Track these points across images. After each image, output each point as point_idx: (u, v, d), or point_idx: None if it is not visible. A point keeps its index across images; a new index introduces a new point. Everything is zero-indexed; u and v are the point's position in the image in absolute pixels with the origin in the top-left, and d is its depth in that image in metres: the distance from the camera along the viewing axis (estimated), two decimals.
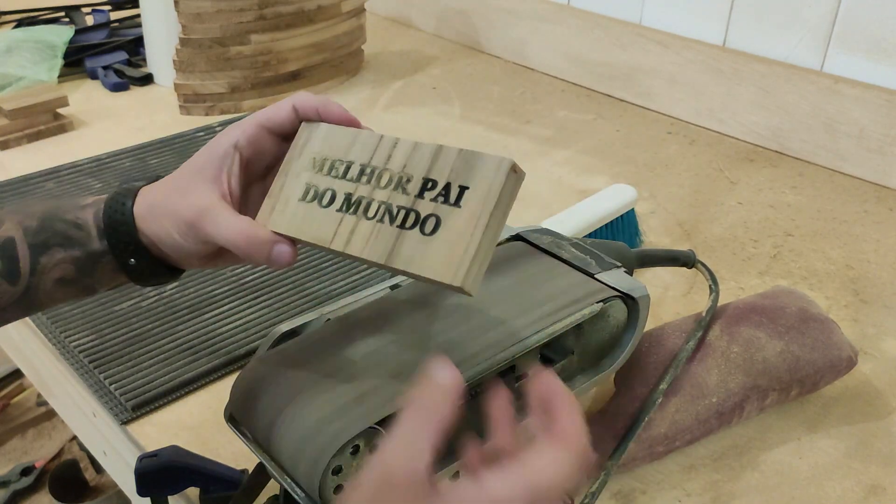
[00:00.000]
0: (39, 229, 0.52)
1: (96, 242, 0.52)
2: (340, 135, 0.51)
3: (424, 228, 0.44)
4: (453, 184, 0.44)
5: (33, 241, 0.51)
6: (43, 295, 0.52)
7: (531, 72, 1.40)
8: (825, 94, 1.05)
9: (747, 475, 0.63)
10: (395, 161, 0.48)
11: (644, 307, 0.58)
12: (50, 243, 0.51)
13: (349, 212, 0.48)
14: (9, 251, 0.51)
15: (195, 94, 1.21)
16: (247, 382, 0.52)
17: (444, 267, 0.43)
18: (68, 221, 0.52)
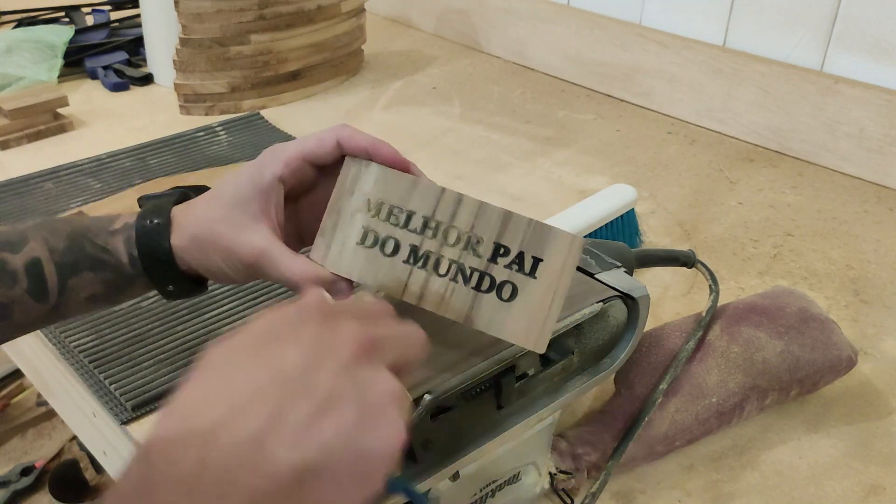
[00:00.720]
0: (67, 250, 0.52)
1: (128, 268, 0.52)
2: (397, 179, 0.51)
3: (502, 294, 0.47)
4: (526, 254, 0.47)
5: (61, 261, 0.52)
6: (72, 310, 0.53)
7: (531, 72, 1.40)
8: (825, 94, 1.05)
9: (747, 475, 0.63)
10: (461, 220, 0.49)
11: (644, 307, 0.58)
12: (80, 266, 0.52)
13: (417, 265, 0.49)
14: (36, 271, 0.51)
15: (195, 94, 1.21)
16: None
17: (524, 333, 0.47)
18: (98, 245, 0.52)
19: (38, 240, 0.52)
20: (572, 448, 0.61)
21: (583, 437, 0.62)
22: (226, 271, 0.51)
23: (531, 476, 0.59)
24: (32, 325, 0.53)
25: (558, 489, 0.60)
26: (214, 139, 1.14)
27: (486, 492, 0.56)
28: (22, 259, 0.51)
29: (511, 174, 1.07)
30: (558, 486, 0.60)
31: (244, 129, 1.18)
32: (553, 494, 0.61)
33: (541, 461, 0.59)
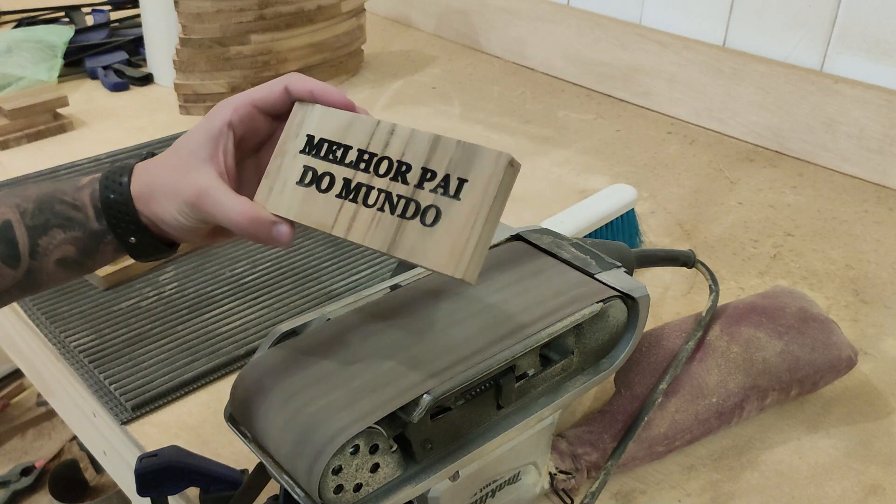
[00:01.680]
0: (37, 211, 0.52)
1: (95, 223, 0.52)
2: (336, 117, 0.52)
3: (425, 219, 0.45)
4: (452, 175, 0.46)
5: (31, 223, 0.51)
6: (45, 276, 0.53)
7: (531, 72, 1.40)
8: (825, 94, 1.05)
9: (747, 475, 0.63)
10: (392, 148, 0.48)
11: (644, 307, 0.58)
12: (49, 225, 0.51)
13: (349, 198, 0.49)
14: (6, 235, 0.51)
15: (195, 94, 1.21)
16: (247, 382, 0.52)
17: (446, 258, 0.44)
18: (66, 203, 0.52)
19: (9, 204, 0.52)
20: (572, 448, 0.61)
21: (583, 437, 0.62)
22: (177, 218, 0.51)
23: (531, 476, 0.59)
24: (7, 294, 0.53)
25: (558, 489, 0.60)
26: None
27: (486, 492, 0.56)
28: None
29: None
30: (558, 486, 0.60)
31: None
32: (553, 494, 0.61)
33: (541, 461, 0.59)
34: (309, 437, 0.47)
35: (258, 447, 0.50)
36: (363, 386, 0.49)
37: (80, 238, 0.52)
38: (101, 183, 0.52)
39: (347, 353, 0.52)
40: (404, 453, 0.49)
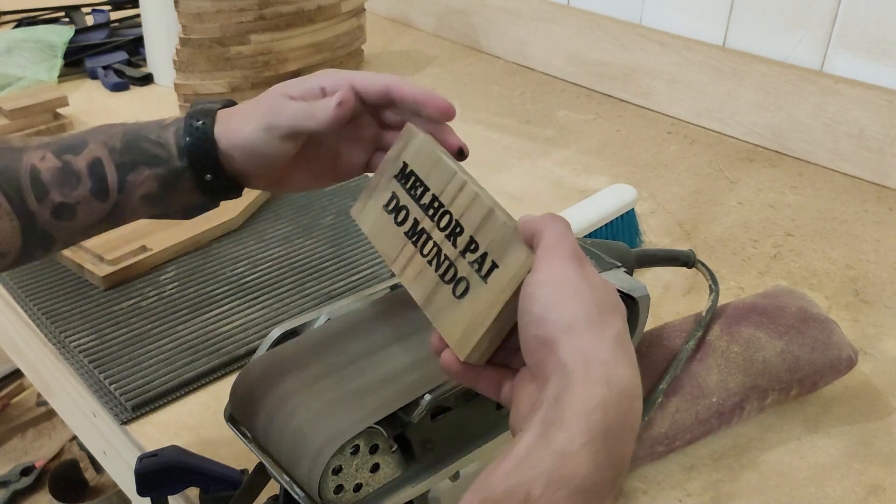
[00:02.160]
0: (125, 149, 0.54)
1: (177, 160, 0.54)
2: (429, 154, 0.52)
3: (456, 290, 0.46)
4: (489, 256, 0.46)
5: (120, 160, 0.54)
6: (129, 210, 0.56)
7: (531, 72, 1.40)
8: (825, 94, 1.05)
9: (747, 475, 0.63)
10: (456, 205, 0.49)
11: (644, 307, 0.58)
12: (136, 162, 0.54)
13: (412, 240, 0.50)
14: (98, 171, 0.54)
15: (195, 94, 1.21)
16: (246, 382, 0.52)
17: (457, 336, 0.45)
18: (151, 141, 0.55)
19: (98, 142, 0.55)
20: None
21: None
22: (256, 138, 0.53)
23: None
24: (94, 226, 0.56)
25: None
26: None
27: None
28: (84, 160, 0.54)
29: (511, 174, 1.07)
30: None
31: None
32: None
33: None
34: (309, 437, 0.47)
35: (258, 447, 0.50)
36: (363, 386, 0.49)
37: (162, 175, 0.55)
38: (185, 122, 0.55)
39: (347, 353, 0.52)
40: (404, 453, 0.49)
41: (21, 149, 0.54)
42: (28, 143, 0.55)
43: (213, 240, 0.91)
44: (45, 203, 0.54)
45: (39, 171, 0.54)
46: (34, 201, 0.54)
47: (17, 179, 0.53)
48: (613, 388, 0.38)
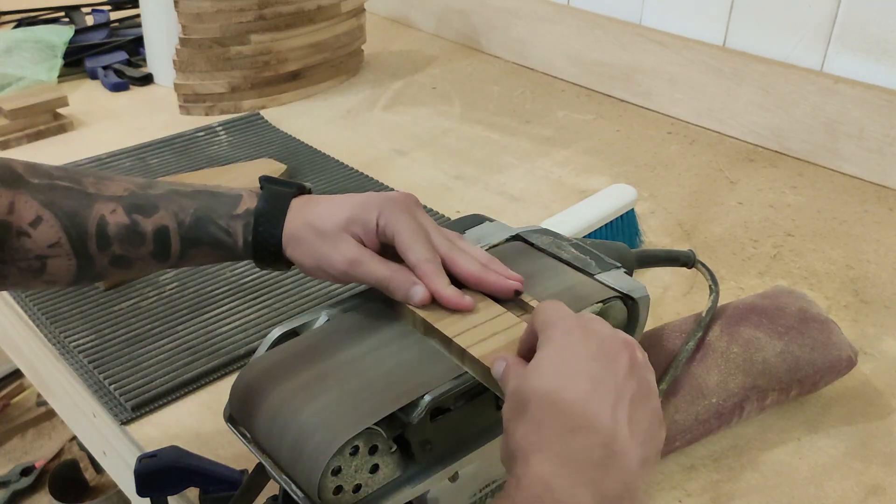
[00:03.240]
0: (192, 227, 0.57)
1: (241, 251, 0.58)
2: None
3: None
4: None
5: (186, 235, 0.57)
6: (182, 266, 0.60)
7: (531, 72, 1.40)
8: (825, 94, 1.05)
9: (747, 475, 0.63)
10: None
11: (644, 308, 0.57)
12: (201, 241, 0.58)
13: None
14: (162, 238, 0.57)
15: (195, 94, 1.21)
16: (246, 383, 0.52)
17: None
18: (220, 227, 0.58)
19: (169, 211, 0.57)
20: None
21: None
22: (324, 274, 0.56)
23: None
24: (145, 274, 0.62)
25: None
26: (214, 139, 1.14)
27: (486, 492, 0.56)
28: (151, 225, 0.57)
29: (511, 174, 1.07)
30: None
31: (244, 129, 1.18)
32: None
33: None
34: (308, 437, 0.47)
35: (258, 447, 0.50)
36: (363, 386, 0.49)
37: (224, 255, 0.59)
38: (255, 222, 0.57)
39: (347, 353, 0.52)
40: (404, 454, 0.49)
41: (93, 196, 0.57)
42: (101, 191, 0.58)
43: None
44: (106, 253, 0.57)
45: (107, 223, 0.57)
46: (95, 249, 0.57)
47: (84, 226, 0.56)
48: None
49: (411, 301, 0.53)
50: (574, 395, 0.40)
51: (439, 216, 0.96)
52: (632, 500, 0.39)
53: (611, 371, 0.42)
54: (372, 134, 1.18)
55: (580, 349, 0.42)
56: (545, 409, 0.40)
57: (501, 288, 0.53)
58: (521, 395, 0.42)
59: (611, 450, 0.39)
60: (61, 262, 0.57)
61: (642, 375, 0.43)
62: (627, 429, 0.40)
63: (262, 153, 1.10)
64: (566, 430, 0.39)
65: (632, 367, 0.42)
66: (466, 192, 1.03)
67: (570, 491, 0.38)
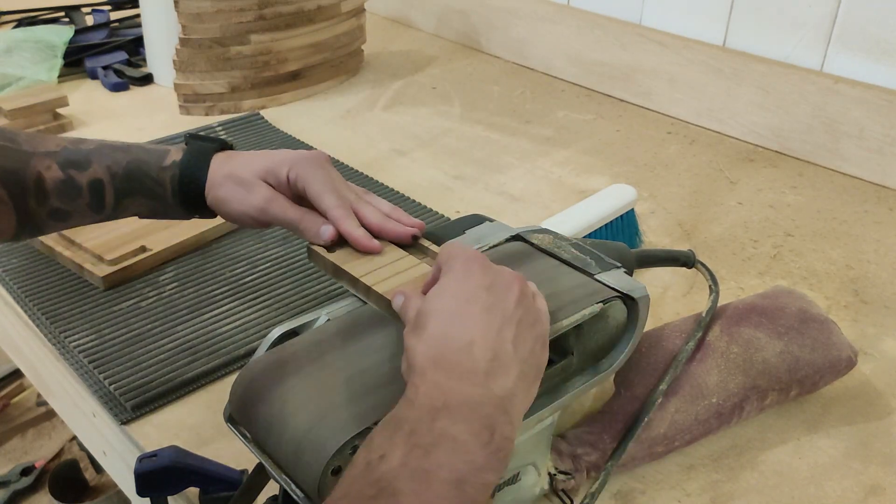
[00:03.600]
0: (125, 178, 0.62)
1: (171, 198, 0.63)
2: None
3: None
4: None
5: (120, 186, 0.62)
6: (118, 219, 0.65)
7: (531, 72, 1.40)
8: (825, 94, 1.05)
9: (747, 475, 0.63)
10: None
11: (644, 308, 0.58)
12: (134, 190, 0.63)
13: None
14: (97, 191, 0.62)
15: (195, 94, 1.21)
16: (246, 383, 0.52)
17: None
18: (151, 177, 0.62)
19: (101, 165, 0.62)
20: (572, 448, 0.61)
21: (582, 438, 0.62)
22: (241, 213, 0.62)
23: (531, 476, 0.59)
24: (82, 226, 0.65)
25: (558, 490, 0.60)
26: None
27: None
28: (86, 178, 0.61)
29: (511, 174, 1.07)
30: (558, 486, 0.60)
31: (244, 129, 1.18)
32: (553, 495, 0.61)
33: (540, 462, 0.59)
34: (308, 437, 0.47)
35: (258, 447, 0.50)
36: (363, 386, 0.49)
37: (155, 205, 0.64)
38: (181, 171, 0.62)
39: (347, 353, 0.52)
40: None
41: (30, 154, 0.61)
42: (36, 148, 0.61)
43: (212, 240, 0.91)
44: (45, 206, 0.61)
45: (44, 179, 0.60)
46: (34, 203, 0.61)
47: (23, 182, 0.60)
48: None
49: (321, 239, 0.58)
50: (467, 317, 0.46)
51: (439, 216, 0.96)
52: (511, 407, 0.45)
53: (501, 299, 0.47)
54: (372, 134, 1.18)
55: (476, 279, 0.47)
56: (441, 327, 0.46)
57: (400, 234, 0.58)
58: (421, 317, 0.47)
59: (494, 363, 0.45)
60: (2, 217, 0.60)
61: (530, 305, 0.49)
62: (511, 347, 0.46)
63: None
64: (457, 346, 0.45)
65: (521, 298, 0.48)
66: (466, 192, 1.03)
67: (457, 394, 0.43)
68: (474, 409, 0.43)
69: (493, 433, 0.42)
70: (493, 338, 0.46)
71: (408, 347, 0.46)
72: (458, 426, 0.42)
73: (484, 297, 0.47)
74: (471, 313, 0.46)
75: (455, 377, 0.44)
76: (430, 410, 0.42)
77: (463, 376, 0.44)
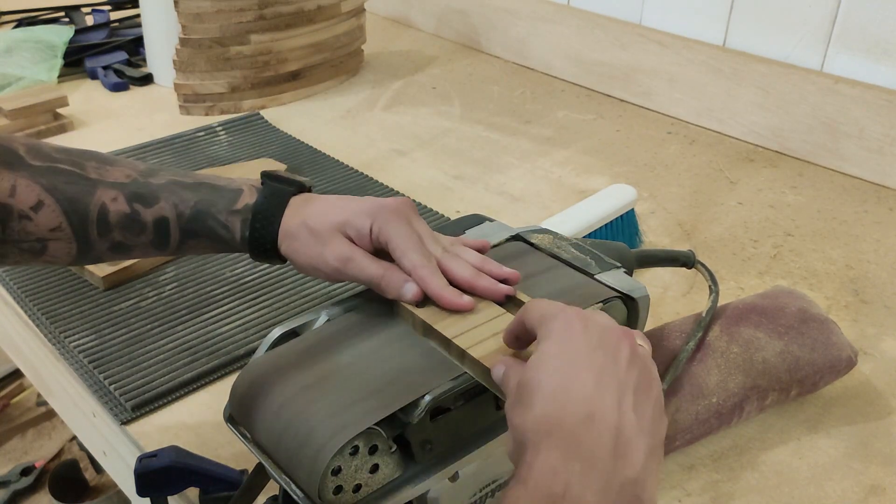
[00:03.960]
0: (192, 219, 0.59)
1: (238, 244, 0.59)
2: None
3: None
4: None
5: (185, 227, 0.59)
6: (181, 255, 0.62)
7: (531, 72, 1.40)
8: (825, 94, 1.05)
9: (747, 475, 0.63)
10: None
11: (644, 308, 0.57)
12: (200, 233, 0.59)
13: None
14: (162, 229, 0.59)
15: (195, 94, 1.21)
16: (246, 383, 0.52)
17: None
18: (219, 222, 0.59)
19: (169, 202, 0.59)
20: None
21: None
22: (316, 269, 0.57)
23: None
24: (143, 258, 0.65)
25: None
26: (214, 139, 1.14)
27: (486, 492, 0.56)
28: (152, 215, 0.58)
29: (511, 174, 1.07)
30: None
31: (244, 129, 1.18)
32: None
33: None
34: (308, 437, 0.47)
35: (258, 448, 0.50)
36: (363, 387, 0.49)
37: (221, 248, 0.60)
38: (252, 219, 0.58)
39: (347, 353, 0.52)
40: (404, 454, 0.49)
41: (95, 182, 0.58)
42: (104, 177, 0.58)
43: None
44: (106, 239, 0.59)
45: (108, 211, 0.58)
46: (96, 235, 0.58)
47: (85, 212, 0.57)
48: None
49: (404, 297, 0.53)
50: (579, 386, 0.40)
51: (439, 216, 0.96)
52: (643, 491, 0.39)
53: (613, 361, 0.42)
54: (372, 134, 1.18)
55: (581, 341, 0.42)
56: (551, 402, 0.40)
57: (493, 293, 0.54)
58: (525, 389, 0.41)
59: (619, 439, 0.39)
60: (61, 245, 0.58)
61: (644, 365, 0.43)
62: (634, 417, 0.40)
63: (262, 153, 1.11)
64: (574, 420, 0.39)
65: (633, 357, 0.42)
66: (466, 192, 1.03)
67: (580, 477, 0.37)
68: (602, 498, 0.37)
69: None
70: (612, 408, 0.40)
71: (514, 425, 0.41)
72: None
73: (593, 359, 0.41)
74: (583, 382, 0.40)
75: (575, 457, 0.38)
76: (549, 498, 0.37)
77: (585, 457, 0.38)
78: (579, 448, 0.38)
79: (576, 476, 0.37)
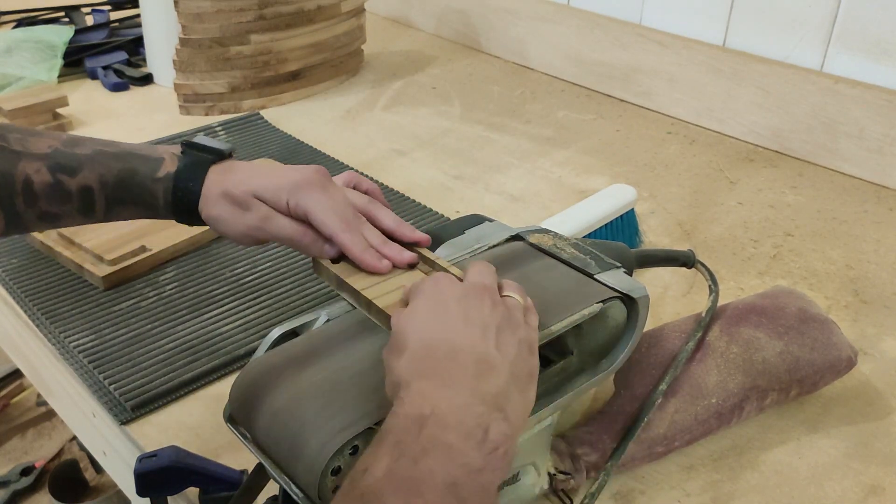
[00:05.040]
0: (117, 187, 0.60)
1: (163, 211, 0.61)
2: None
3: None
4: None
5: (110, 194, 0.60)
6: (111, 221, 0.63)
7: (531, 72, 1.40)
8: (825, 94, 1.05)
9: (747, 475, 0.63)
10: None
11: (643, 308, 0.58)
12: (125, 200, 0.61)
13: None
14: (87, 197, 0.60)
15: (195, 94, 1.21)
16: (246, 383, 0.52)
17: None
18: (143, 188, 0.60)
19: (94, 171, 0.60)
20: (571, 448, 0.61)
21: (582, 438, 0.62)
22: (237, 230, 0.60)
23: (530, 476, 0.59)
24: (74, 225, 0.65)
25: (557, 490, 0.60)
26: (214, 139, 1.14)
27: None
28: (76, 184, 0.60)
29: (511, 174, 1.07)
30: (557, 486, 0.60)
31: (244, 129, 1.18)
32: (552, 495, 0.61)
33: (540, 462, 0.59)
34: (308, 437, 0.47)
35: (257, 448, 0.50)
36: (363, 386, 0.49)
37: (148, 213, 0.62)
38: (174, 187, 0.60)
39: (347, 354, 0.52)
40: None
41: (18, 153, 0.59)
42: (26, 148, 0.60)
43: (212, 240, 0.90)
44: (34, 209, 0.60)
45: (32, 182, 0.59)
46: (22, 205, 0.60)
47: (11, 184, 0.59)
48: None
49: (326, 255, 0.57)
50: (445, 328, 0.46)
51: (439, 216, 0.96)
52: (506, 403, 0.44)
53: (476, 307, 0.47)
54: (372, 134, 1.18)
55: (448, 293, 0.48)
56: (419, 346, 0.45)
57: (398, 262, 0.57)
58: (399, 336, 0.47)
59: (481, 364, 0.45)
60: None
61: (508, 310, 0.48)
62: (496, 349, 0.45)
63: (262, 153, 1.10)
64: (441, 355, 0.45)
65: (494, 304, 0.48)
66: (466, 192, 1.03)
67: (446, 400, 0.42)
68: (465, 411, 0.42)
69: (487, 431, 0.42)
70: (476, 342, 0.45)
71: (390, 368, 0.46)
72: (448, 431, 0.41)
73: (458, 307, 0.47)
74: (449, 323, 0.46)
75: (441, 384, 0.43)
76: (417, 419, 0.41)
77: (449, 382, 0.43)
78: (445, 377, 0.44)
79: (443, 400, 0.42)
